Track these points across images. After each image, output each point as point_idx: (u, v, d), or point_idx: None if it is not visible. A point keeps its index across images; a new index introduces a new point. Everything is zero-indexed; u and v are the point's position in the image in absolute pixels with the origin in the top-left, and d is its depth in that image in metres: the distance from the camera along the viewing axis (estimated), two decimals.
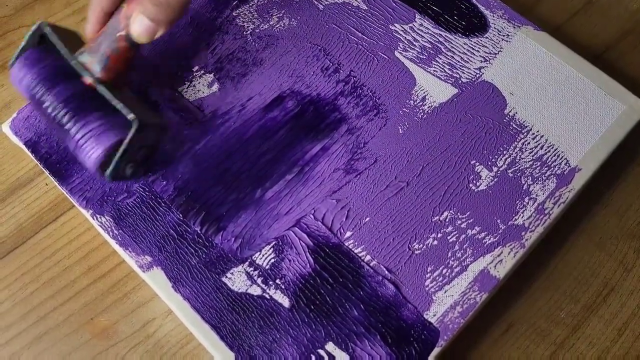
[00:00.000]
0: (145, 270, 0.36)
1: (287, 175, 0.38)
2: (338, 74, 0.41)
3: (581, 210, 0.40)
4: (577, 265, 0.39)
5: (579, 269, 0.39)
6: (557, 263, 0.39)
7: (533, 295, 0.38)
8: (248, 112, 0.40)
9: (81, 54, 0.34)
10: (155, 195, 0.38)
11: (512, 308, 0.38)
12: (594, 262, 0.39)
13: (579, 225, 0.40)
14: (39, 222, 0.41)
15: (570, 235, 0.40)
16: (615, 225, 0.40)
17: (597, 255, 0.39)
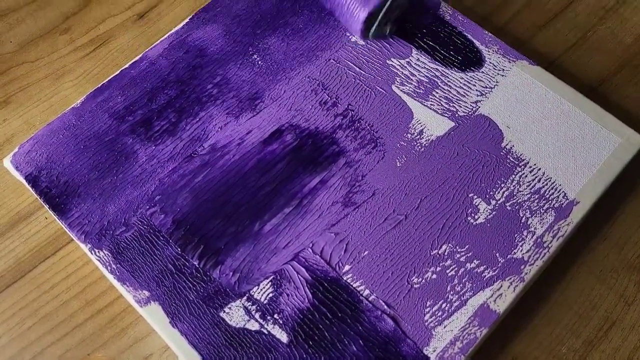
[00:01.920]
0: (143, 305, 0.36)
1: (285, 208, 0.38)
2: (336, 107, 0.42)
3: (580, 243, 0.40)
4: (578, 299, 0.39)
5: (579, 303, 0.39)
6: (557, 297, 0.39)
7: (534, 330, 0.38)
8: (247, 145, 0.40)
9: None
10: (153, 229, 0.38)
11: (512, 343, 0.37)
12: (594, 295, 0.39)
13: (578, 259, 0.40)
14: (38, 256, 0.41)
15: (569, 268, 0.40)
16: (615, 258, 0.40)
17: (597, 289, 0.39)
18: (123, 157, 0.40)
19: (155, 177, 0.39)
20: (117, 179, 0.39)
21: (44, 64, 0.48)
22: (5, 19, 0.50)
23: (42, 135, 0.41)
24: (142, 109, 0.42)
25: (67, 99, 0.46)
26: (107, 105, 0.42)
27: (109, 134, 0.41)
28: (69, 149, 0.41)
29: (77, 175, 0.40)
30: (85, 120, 0.42)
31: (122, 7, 0.50)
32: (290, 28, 0.45)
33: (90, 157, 0.40)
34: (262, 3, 0.46)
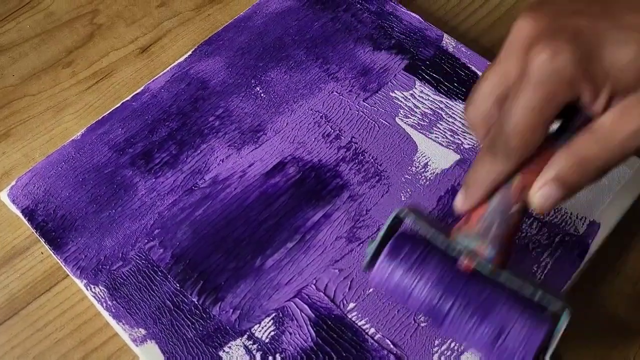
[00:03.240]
0: (139, 344, 0.34)
1: (288, 243, 0.37)
2: (339, 140, 0.41)
3: (593, 282, 0.39)
4: (594, 344, 0.37)
5: (595, 346, 0.37)
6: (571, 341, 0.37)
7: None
8: (249, 178, 0.40)
9: (464, 237, 0.28)
10: (151, 264, 0.37)
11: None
12: (609, 334, 0.37)
13: (593, 297, 0.38)
14: (32, 292, 0.39)
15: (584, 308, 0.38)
16: (630, 295, 0.38)
17: (615, 332, 0.37)
18: (122, 189, 0.39)
19: (155, 211, 0.39)
20: (116, 213, 0.39)
21: (46, 97, 0.48)
22: (8, 53, 0.50)
23: (40, 168, 0.40)
24: (142, 141, 0.41)
25: (67, 131, 0.46)
26: (107, 138, 0.42)
27: (109, 166, 0.40)
28: (68, 182, 0.40)
29: (75, 208, 0.39)
30: (85, 152, 0.41)
31: (125, 41, 0.50)
32: (293, 60, 0.45)
33: (89, 190, 0.39)
34: (265, 36, 0.46)
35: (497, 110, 0.26)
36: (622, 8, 0.23)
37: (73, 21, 0.52)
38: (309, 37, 0.46)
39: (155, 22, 0.51)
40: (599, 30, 0.23)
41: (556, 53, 0.23)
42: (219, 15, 0.52)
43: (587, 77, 0.23)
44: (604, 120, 0.24)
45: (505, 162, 0.25)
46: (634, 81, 0.23)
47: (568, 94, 0.24)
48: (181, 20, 0.52)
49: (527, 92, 0.24)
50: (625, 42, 0.23)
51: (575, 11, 0.24)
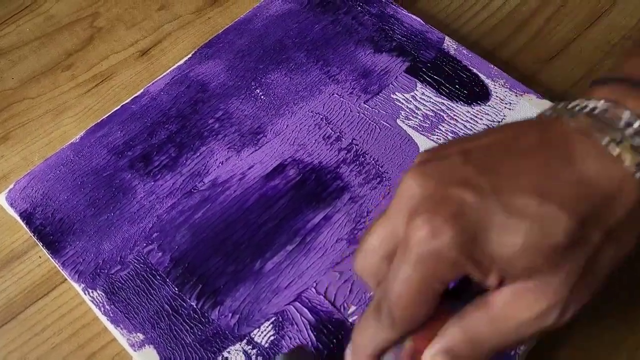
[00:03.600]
0: (137, 349, 0.34)
1: (288, 245, 0.37)
2: (340, 142, 0.41)
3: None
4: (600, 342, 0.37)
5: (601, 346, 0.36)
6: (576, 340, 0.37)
7: None
8: (249, 180, 0.39)
9: None
10: (150, 268, 0.36)
11: None
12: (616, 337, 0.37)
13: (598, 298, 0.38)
14: (30, 296, 0.39)
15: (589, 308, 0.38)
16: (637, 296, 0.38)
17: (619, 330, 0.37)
18: (121, 193, 0.39)
19: (154, 214, 0.38)
20: (114, 216, 0.38)
21: (45, 100, 0.47)
22: (7, 56, 0.50)
23: (38, 172, 0.40)
24: (141, 144, 0.41)
25: (67, 135, 0.45)
26: (106, 141, 0.41)
27: (107, 169, 0.40)
28: (66, 185, 0.39)
29: (73, 212, 0.38)
30: (84, 155, 0.41)
31: (125, 44, 0.50)
32: (294, 63, 0.44)
33: (87, 193, 0.39)
34: (265, 39, 0.46)
35: (386, 266, 0.23)
36: (512, 185, 0.21)
37: (73, 24, 0.52)
38: (309, 40, 0.46)
39: (156, 25, 0.51)
40: (485, 210, 0.21)
41: (436, 233, 0.21)
42: (219, 19, 0.51)
43: (471, 261, 0.21)
44: (497, 300, 0.22)
45: (390, 330, 0.23)
46: (523, 272, 0.21)
47: (452, 273, 0.21)
48: (181, 24, 0.51)
49: (408, 268, 0.21)
50: (512, 231, 0.20)
51: (463, 179, 0.21)
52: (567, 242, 0.20)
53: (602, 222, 0.21)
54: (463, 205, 0.21)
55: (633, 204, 0.21)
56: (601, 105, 0.22)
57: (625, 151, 0.21)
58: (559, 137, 0.22)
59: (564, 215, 0.20)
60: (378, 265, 0.24)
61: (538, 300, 0.21)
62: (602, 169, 0.21)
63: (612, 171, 0.21)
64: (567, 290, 0.21)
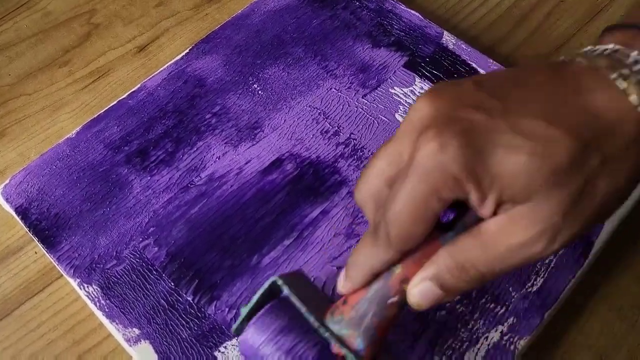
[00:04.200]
0: (132, 344, 0.34)
1: (285, 240, 0.36)
2: (338, 136, 0.40)
3: (599, 276, 0.38)
4: (599, 337, 0.36)
5: (600, 342, 0.36)
6: (576, 336, 0.36)
7: None
8: (246, 175, 0.39)
9: (336, 322, 0.25)
10: (146, 262, 0.36)
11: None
12: (615, 333, 0.36)
13: (596, 293, 0.37)
14: (26, 292, 0.39)
15: (589, 304, 0.37)
16: (636, 292, 0.37)
17: (618, 326, 0.36)
18: (117, 187, 0.39)
19: (150, 209, 0.38)
20: (110, 211, 0.38)
21: (42, 97, 0.47)
22: (4, 53, 0.50)
23: (34, 167, 0.40)
24: (138, 139, 0.41)
25: (63, 131, 0.45)
26: (102, 136, 0.41)
27: (104, 164, 0.40)
28: (62, 180, 0.39)
29: (69, 207, 0.38)
30: (80, 150, 0.40)
31: (122, 40, 0.50)
32: (291, 58, 0.44)
33: (83, 188, 0.39)
34: (263, 34, 0.46)
35: (387, 190, 0.24)
36: (521, 110, 0.22)
37: (70, 21, 0.51)
38: (307, 35, 0.45)
39: (153, 22, 0.51)
40: (493, 129, 0.21)
41: (443, 147, 0.21)
42: (217, 15, 0.51)
43: (473, 179, 0.21)
44: (490, 226, 0.22)
45: (385, 250, 0.23)
46: (521, 192, 0.21)
47: (453, 191, 0.22)
48: (179, 20, 0.51)
49: (411, 182, 0.22)
50: (516, 149, 0.21)
51: (474, 103, 0.22)
52: (568, 162, 0.21)
53: (602, 149, 0.21)
54: (472, 124, 0.21)
55: (632, 136, 0.22)
56: (611, 47, 0.23)
57: (632, 86, 0.22)
58: (570, 73, 0.23)
59: (568, 138, 0.21)
60: (379, 189, 0.24)
61: (529, 226, 0.21)
62: (609, 100, 0.22)
63: (617, 103, 0.22)
64: (558, 216, 0.21)
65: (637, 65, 0.22)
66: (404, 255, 0.24)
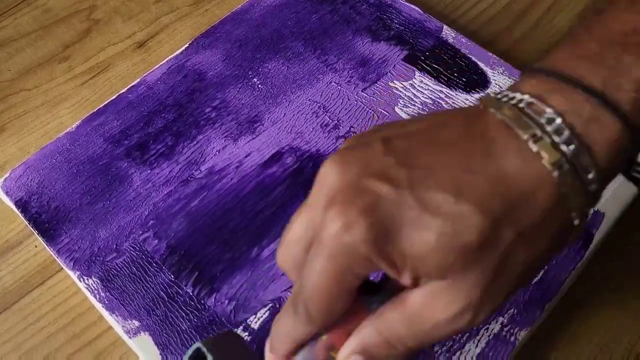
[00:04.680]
0: (132, 336, 0.33)
1: None
2: (338, 130, 0.40)
3: (600, 269, 0.38)
4: (598, 330, 0.36)
5: (600, 334, 0.36)
6: (577, 328, 0.36)
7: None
8: (246, 168, 0.39)
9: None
10: (146, 255, 0.36)
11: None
12: (616, 326, 0.36)
13: (598, 286, 0.37)
14: (25, 286, 0.39)
15: (589, 297, 0.37)
16: (637, 284, 0.37)
17: (619, 319, 0.36)
18: (117, 181, 0.39)
19: (150, 202, 0.38)
20: (110, 204, 0.38)
21: (41, 92, 0.47)
22: (4, 49, 0.50)
23: (34, 160, 0.40)
24: (138, 132, 0.41)
25: (63, 126, 0.45)
26: (102, 130, 0.41)
27: (104, 158, 0.40)
28: (62, 174, 0.39)
29: (69, 200, 0.38)
30: (80, 144, 0.40)
31: (122, 36, 0.50)
32: (291, 52, 0.44)
33: (83, 181, 0.39)
34: (262, 28, 0.46)
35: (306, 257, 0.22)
36: (428, 181, 0.20)
37: (70, 17, 0.51)
38: (307, 29, 0.45)
39: (153, 18, 0.51)
40: (400, 204, 0.20)
41: (348, 227, 0.20)
42: (216, 10, 0.51)
43: (383, 258, 0.20)
44: (414, 299, 0.21)
45: (305, 324, 0.22)
46: (434, 269, 0.20)
47: (365, 269, 0.21)
48: (179, 16, 0.51)
49: (320, 261, 0.21)
50: (424, 227, 0.20)
51: (381, 171, 0.20)
52: (479, 241, 0.19)
53: (516, 222, 0.20)
54: (378, 198, 0.20)
55: (548, 205, 0.20)
56: (526, 98, 0.21)
57: (545, 148, 0.20)
58: (482, 129, 0.21)
59: (477, 214, 0.19)
60: (299, 257, 0.23)
61: (451, 302, 0.21)
62: (521, 165, 0.20)
63: (530, 168, 0.20)
64: (478, 292, 0.20)
65: (551, 124, 0.20)
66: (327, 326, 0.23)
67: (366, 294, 0.23)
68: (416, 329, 0.21)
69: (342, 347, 0.23)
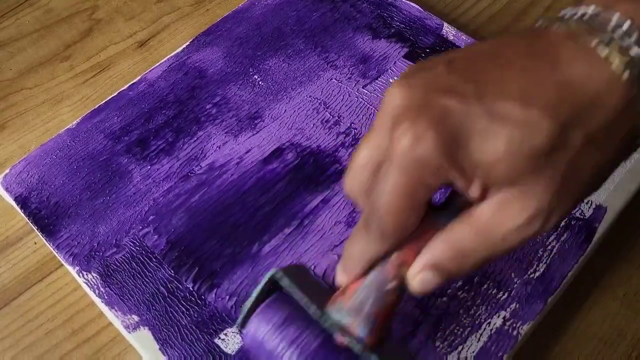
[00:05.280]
0: (132, 331, 0.33)
1: (285, 228, 0.36)
2: (338, 126, 0.40)
3: (602, 264, 0.37)
4: (602, 325, 0.36)
5: (603, 329, 0.36)
6: (580, 323, 0.36)
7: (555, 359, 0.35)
8: (246, 164, 0.39)
9: (337, 311, 0.25)
10: (146, 250, 0.36)
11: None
12: (619, 321, 0.36)
13: (600, 281, 0.37)
14: (25, 282, 0.38)
15: (591, 292, 0.37)
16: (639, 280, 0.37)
17: (622, 314, 0.36)
18: (117, 177, 0.39)
19: (150, 197, 0.38)
20: (110, 199, 0.38)
21: (42, 90, 0.47)
22: (6, 48, 0.50)
23: (34, 157, 0.40)
24: (138, 129, 0.41)
25: (64, 124, 0.45)
26: (103, 126, 0.41)
27: (104, 154, 0.40)
28: (62, 170, 0.39)
29: (69, 196, 0.38)
30: (80, 140, 0.40)
31: (123, 35, 0.50)
32: (292, 49, 0.44)
33: (83, 177, 0.39)
34: (263, 26, 0.46)
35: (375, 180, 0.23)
36: (496, 92, 0.20)
37: (72, 17, 0.52)
38: (307, 27, 0.45)
39: (154, 17, 0.51)
40: (468, 115, 0.20)
41: (419, 139, 0.20)
42: (218, 10, 0.51)
43: (455, 167, 0.20)
44: (483, 211, 0.21)
45: (379, 241, 0.23)
46: (504, 177, 0.20)
47: (437, 180, 0.21)
48: (180, 15, 0.51)
49: (393, 176, 0.21)
50: (494, 135, 0.20)
51: (447, 87, 0.21)
52: (548, 146, 0.20)
53: (585, 125, 0.20)
54: (446, 111, 0.20)
55: (618, 106, 0.20)
56: (591, 10, 0.21)
57: (614, 52, 0.20)
58: (547, 44, 0.21)
59: (545, 119, 0.20)
60: (367, 182, 0.23)
61: (522, 209, 0.21)
62: (589, 71, 0.20)
63: (599, 73, 0.20)
64: (549, 196, 0.21)
65: (618, 30, 0.20)
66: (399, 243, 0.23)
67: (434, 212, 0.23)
68: (487, 239, 0.22)
69: (412, 264, 0.23)
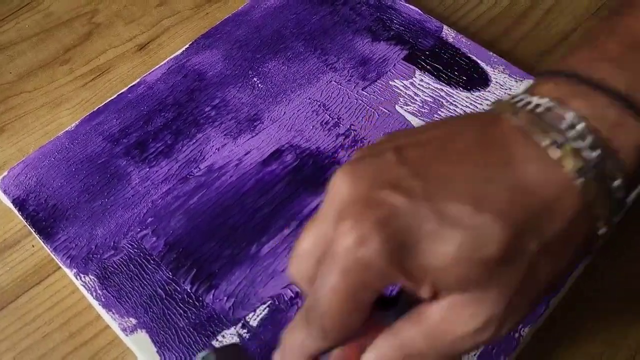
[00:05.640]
0: (129, 334, 0.33)
1: (284, 230, 0.36)
2: (338, 128, 0.40)
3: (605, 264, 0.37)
4: (604, 327, 0.35)
5: (606, 331, 0.35)
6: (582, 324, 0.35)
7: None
8: (245, 166, 0.39)
9: None
10: (144, 252, 0.35)
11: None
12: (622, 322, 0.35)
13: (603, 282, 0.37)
14: (22, 285, 0.38)
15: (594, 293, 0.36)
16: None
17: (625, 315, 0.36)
18: (115, 179, 0.38)
19: (148, 199, 0.37)
20: (108, 202, 0.38)
21: (42, 94, 0.47)
22: (6, 52, 0.50)
23: (33, 159, 0.40)
24: (137, 131, 0.41)
25: (63, 127, 0.45)
26: (101, 129, 0.41)
27: (102, 156, 0.40)
28: (60, 172, 0.39)
29: (67, 198, 0.38)
30: (79, 143, 0.40)
31: (123, 39, 0.50)
32: (291, 52, 0.44)
33: (82, 179, 0.39)
34: (263, 29, 0.46)
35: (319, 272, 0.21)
36: (447, 191, 0.19)
37: (72, 21, 0.52)
38: (307, 30, 0.45)
39: (154, 21, 0.51)
40: (416, 216, 0.19)
41: (363, 241, 0.19)
42: (217, 14, 0.52)
43: (401, 271, 0.19)
44: (433, 313, 0.20)
45: (320, 338, 0.21)
46: (455, 283, 0.19)
47: (382, 283, 0.19)
48: (180, 19, 0.51)
49: (334, 275, 0.19)
50: (443, 239, 0.19)
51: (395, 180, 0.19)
52: (501, 254, 0.18)
53: (539, 233, 0.19)
54: (393, 210, 0.19)
55: (573, 214, 0.19)
56: (545, 103, 0.20)
57: (566, 155, 0.19)
58: (498, 136, 0.20)
59: (498, 226, 0.18)
60: (311, 270, 0.21)
61: (473, 315, 0.19)
62: (542, 173, 0.19)
63: (551, 176, 0.19)
64: (503, 304, 0.19)
65: (572, 130, 0.19)
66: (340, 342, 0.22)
67: (381, 307, 0.22)
68: (437, 344, 0.20)
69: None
